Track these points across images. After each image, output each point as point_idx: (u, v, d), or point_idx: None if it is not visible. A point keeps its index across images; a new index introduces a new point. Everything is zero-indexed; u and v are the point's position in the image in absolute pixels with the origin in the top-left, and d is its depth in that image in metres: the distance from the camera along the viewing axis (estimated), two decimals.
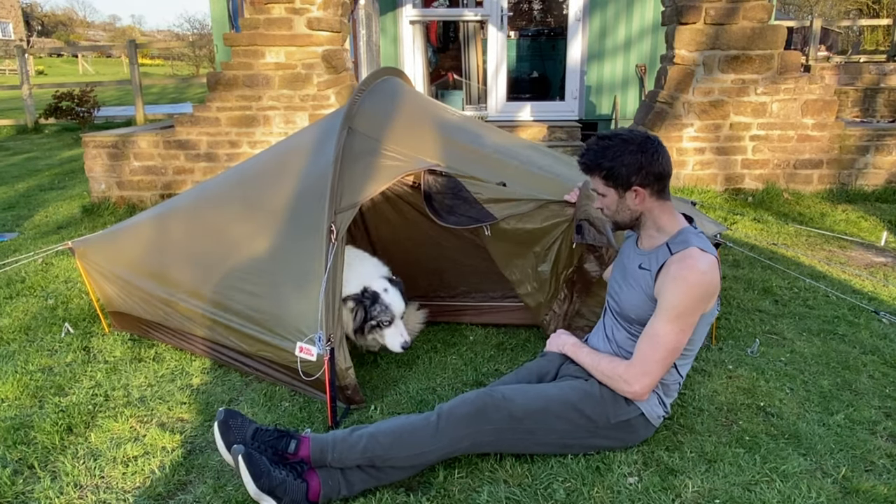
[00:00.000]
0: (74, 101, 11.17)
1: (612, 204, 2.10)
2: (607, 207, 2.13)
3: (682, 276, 1.99)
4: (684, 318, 2.01)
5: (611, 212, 2.13)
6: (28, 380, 2.77)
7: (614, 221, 2.16)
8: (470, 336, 3.18)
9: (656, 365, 2.04)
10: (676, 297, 1.99)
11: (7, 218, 5.82)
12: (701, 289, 2.00)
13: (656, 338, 2.02)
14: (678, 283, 1.99)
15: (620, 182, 2.04)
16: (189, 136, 5.85)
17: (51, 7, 67.23)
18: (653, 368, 2.04)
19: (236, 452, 1.88)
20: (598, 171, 2.07)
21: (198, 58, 27.85)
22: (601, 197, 2.13)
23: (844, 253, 4.34)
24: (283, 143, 3.17)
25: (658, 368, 2.05)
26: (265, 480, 1.87)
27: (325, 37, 5.67)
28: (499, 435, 2.04)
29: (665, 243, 2.09)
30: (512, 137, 3.33)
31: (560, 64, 8.75)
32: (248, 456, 1.88)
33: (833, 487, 2.01)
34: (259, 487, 1.86)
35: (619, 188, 2.06)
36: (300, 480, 1.93)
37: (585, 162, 2.09)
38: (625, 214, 2.11)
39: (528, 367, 2.37)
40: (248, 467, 1.86)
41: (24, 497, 2.05)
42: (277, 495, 1.88)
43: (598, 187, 2.12)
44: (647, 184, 2.04)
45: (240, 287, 2.64)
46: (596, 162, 2.06)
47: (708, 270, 2.00)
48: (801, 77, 5.47)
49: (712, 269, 2.01)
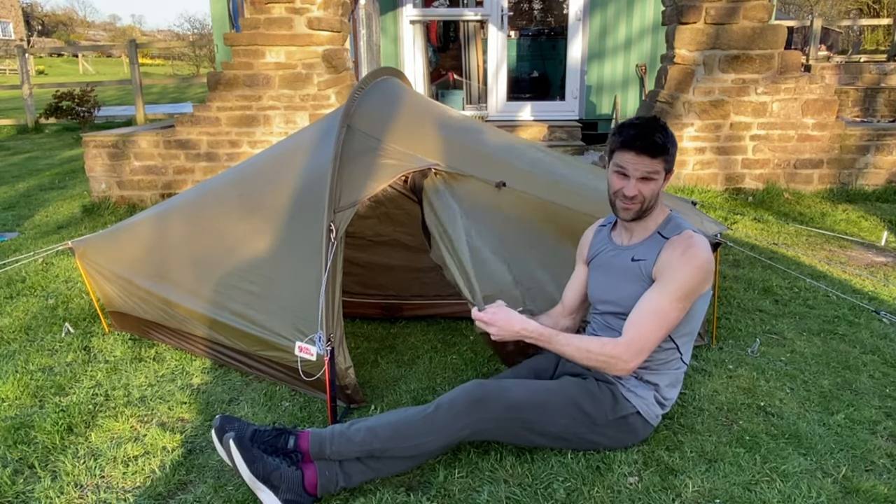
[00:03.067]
0: (75, 101, 11.18)
1: (657, 188, 2.06)
2: (651, 192, 2.05)
3: (691, 254, 2.02)
4: (689, 298, 2.03)
5: (651, 195, 2.06)
6: (28, 379, 2.77)
7: (642, 208, 2.08)
8: (470, 336, 3.18)
9: (653, 342, 2.03)
10: (685, 276, 2.01)
11: (7, 217, 5.82)
12: (705, 269, 2.04)
13: (662, 314, 2.02)
14: (687, 263, 2.02)
15: (671, 165, 2.07)
16: (189, 135, 5.86)
17: (51, 7, 67.30)
18: (650, 345, 2.02)
19: (227, 439, 1.88)
20: (666, 154, 2.04)
21: (198, 57, 27.87)
22: (646, 183, 2.04)
23: (845, 253, 4.34)
24: (283, 143, 3.17)
25: (653, 345, 2.03)
26: (259, 465, 1.87)
27: (326, 36, 5.67)
28: (498, 425, 2.04)
29: (656, 231, 2.13)
30: (512, 138, 3.33)
31: (560, 63, 8.76)
32: (239, 440, 1.88)
33: (833, 487, 2.01)
34: (253, 473, 1.86)
35: (668, 173, 2.08)
36: (295, 468, 1.92)
37: (658, 142, 2.00)
38: (656, 199, 2.10)
39: (526, 364, 2.38)
40: (241, 451, 1.86)
41: (24, 497, 2.05)
42: (274, 483, 1.87)
43: (654, 172, 2.03)
44: (672, 174, 2.11)
45: (239, 286, 2.64)
46: (666, 145, 2.03)
47: (708, 251, 2.06)
48: (802, 77, 5.47)
49: (709, 249, 2.07)
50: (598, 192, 2.75)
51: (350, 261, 3.32)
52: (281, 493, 1.88)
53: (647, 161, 2.02)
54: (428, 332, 3.22)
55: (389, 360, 2.96)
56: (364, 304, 3.44)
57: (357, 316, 3.42)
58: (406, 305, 3.43)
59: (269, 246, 2.63)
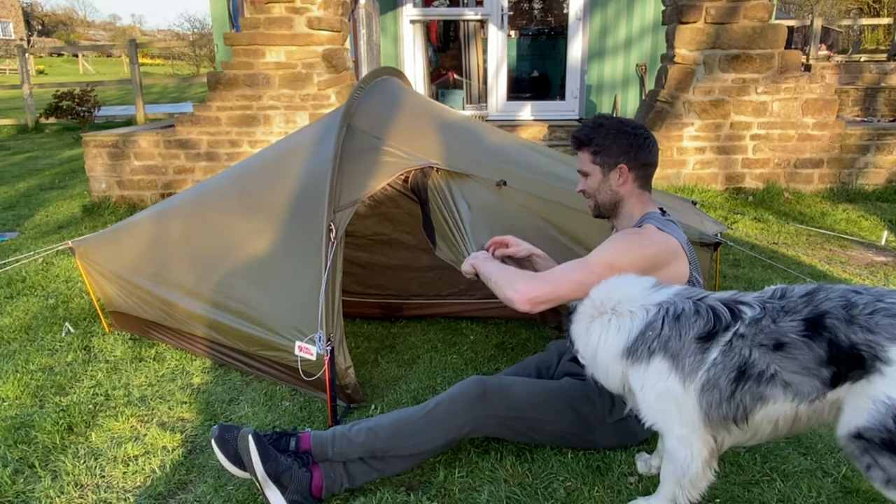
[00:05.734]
0: (75, 101, 11.17)
1: (594, 183, 2.13)
2: (589, 187, 2.15)
3: (631, 235, 2.03)
4: (609, 266, 1.90)
5: (592, 191, 2.14)
6: (28, 379, 2.77)
7: (595, 203, 2.17)
8: (470, 335, 3.18)
9: (558, 285, 1.92)
10: (616, 246, 2.00)
11: (8, 217, 5.82)
12: (641, 252, 1.95)
13: (582, 264, 1.95)
14: (622, 238, 2.04)
15: (607, 159, 2.08)
16: (189, 135, 5.86)
17: (51, 6, 67.31)
18: (552, 285, 1.92)
19: (245, 434, 1.89)
20: (588, 147, 2.11)
21: (198, 57, 27.85)
22: (584, 178, 2.16)
23: (845, 252, 4.34)
24: (283, 142, 3.17)
25: (556, 289, 1.92)
26: (272, 464, 1.88)
27: (326, 36, 5.67)
28: (499, 422, 2.05)
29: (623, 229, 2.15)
30: (512, 138, 3.33)
31: (560, 63, 8.75)
32: (256, 437, 1.89)
33: (833, 487, 2.01)
34: (266, 470, 1.87)
35: (605, 166, 2.09)
36: (305, 470, 1.93)
37: (578, 136, 2.13)
38: (606, 195, 2.13)
39: (527, 361, 2.39)
40: (258, 448, 1.88)
41: (24, 496, 2.05)
42: (283, 483, 1.89)
43: (584, 166, 2.14)
44: (633, 168, 2.08)
45: (239, 286, 2.64)
46: (589, 137, 2.10)
47: (656, 240, 1.98)
48: (802, 76, 5.47)
49: (662, 243, 1.98)
50: None
51: (350, 260, 3.32)
52: (289, 493, 1.89)
53: (579, 155, 2.15)
54: (428, 332, 3.22)
55: (389, 359, 2.96)
56: (364, 303, 3.44)
57: (357, 316, 3.41)
58: (406, 305, 3.43)
59: (269, 245, 2.63)
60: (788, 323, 1.51)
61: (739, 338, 1.56)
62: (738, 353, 1.55)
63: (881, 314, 1.44)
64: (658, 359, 1.64)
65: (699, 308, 1.64)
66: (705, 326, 1.60)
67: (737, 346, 1.56)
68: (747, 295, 1.64)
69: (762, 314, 1.56)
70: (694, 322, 1.62)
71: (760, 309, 1.57)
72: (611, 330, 1.74)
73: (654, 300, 1.70)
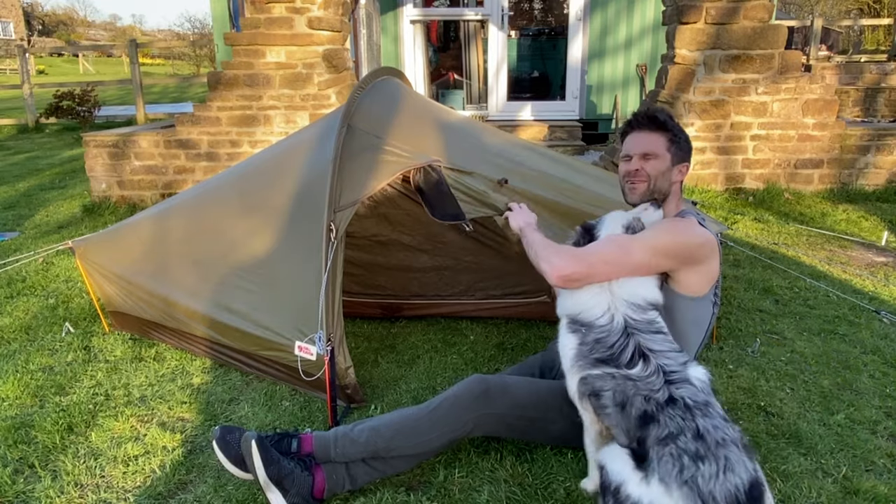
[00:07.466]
0: (75, 101, 11.17)
1: (661, 167, 2.05)
2: (653, 169, 2.05)
3: (675, 224, 2.00)
4: (658, 255, 1.88)
5: (656, 173, 2.05)
6: (29, 379, 2.77)
7: (649, 187, 2.07)
8: (470, 335, 3.18)
9: (593, 267, 1.83)
10: (660, 233, 1.95)
11: (8, 217, 5.83)
12: (685, 240, 1.93)
13: (622, 245, 1.88)
14: (666, 227, 1.99)
15: (680, 152, 2.08)
16: (190, 135, 5.86)
17: (51, 6, 67.22)
18: (586, 266, 1.83)
19: (249, 438, 1.89)
20: (667, 132, 2.06)
21: (198, 57, 27.85)
22: (646, 160, 2.05)
23: (845, 252, 4.34)
24: (283, 143, 3.17)
25: (589, 271, 1.82)
26: (275, 468, 1.88)
27: (326, 36, 5.67)
28: (500, 420, 2.05)
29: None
30: (512, 138, 3.33)
31: (561, 63, 8.75)
32: (259, 441, 1.89)
33: (833, 487, 2.01)
34: (269, 475, 1.87)
35: (676, 157, 2.08)
36: (307, 473, 1.93)
37: (660, 117, 2.06)
38: (665, 183, 2.07)
39: (529, 361, 2.39)
40: (261, 453, 1.87)
41: (24, 496, 2.05)
42: (285, 487, 1.89)
43: (655, 148, 2.05)
44: (687, 170, 2.12)
45: (239, 286, 2.64)
46: (666, 122, 2.06)
47: (700, 237, 1.96)
48: (802, 77, 5.46)
49: (704, 236, 1.96)
50: (599, 191, 2.75)
51: (350, 261, 3.32)
52: (290, 496, 1.89)
53: (646, 135, 2.07)
54: (428, 332, 3.22)
55: (389, 360, 2.96)
56: (364, 303, 3.44)
57: (357, 316, 3.42)
58: (406, 305, 3.43)
59: (270, 245, 2.63)
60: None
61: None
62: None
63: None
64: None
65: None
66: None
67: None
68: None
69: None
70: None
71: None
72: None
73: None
